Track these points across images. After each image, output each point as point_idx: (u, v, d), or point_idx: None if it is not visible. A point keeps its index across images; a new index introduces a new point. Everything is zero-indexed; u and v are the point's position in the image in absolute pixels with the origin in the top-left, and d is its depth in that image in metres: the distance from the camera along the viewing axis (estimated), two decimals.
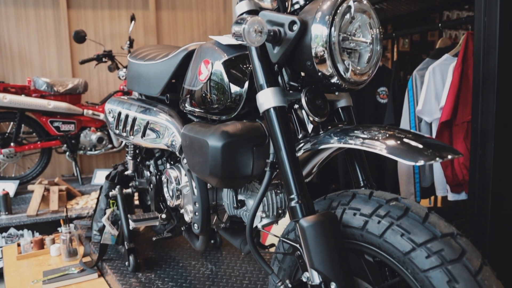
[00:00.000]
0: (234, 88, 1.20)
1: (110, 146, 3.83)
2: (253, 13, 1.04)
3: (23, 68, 4.05)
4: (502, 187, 2.01)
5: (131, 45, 3.75)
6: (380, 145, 0.86)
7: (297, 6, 1.04)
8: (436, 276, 0.79)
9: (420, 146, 0.84)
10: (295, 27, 0.95)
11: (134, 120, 1.66)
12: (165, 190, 1.62)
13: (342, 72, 0.97)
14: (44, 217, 3.18)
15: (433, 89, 2.36)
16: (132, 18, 3.75)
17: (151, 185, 1.82)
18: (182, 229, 1.75)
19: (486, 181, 2.00)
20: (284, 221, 1.28)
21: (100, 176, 3.78)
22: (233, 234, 1.56)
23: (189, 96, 1.38)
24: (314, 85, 1.05)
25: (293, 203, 0.93)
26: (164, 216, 1.72)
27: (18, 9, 4.00)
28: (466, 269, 0.78)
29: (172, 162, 1.71)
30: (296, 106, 1.06)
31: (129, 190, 2.04)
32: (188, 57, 1.46)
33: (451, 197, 2.39)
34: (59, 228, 3.12)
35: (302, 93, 1.03)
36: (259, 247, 1.17)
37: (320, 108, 1.03)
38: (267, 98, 0.98)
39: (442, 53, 2.42)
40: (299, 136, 1.07)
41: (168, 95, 1.56)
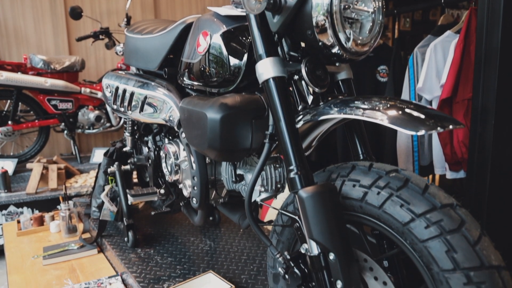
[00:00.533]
0: (233, 60, 1.18)
1: (108, 124, 3.81)
2: None
3: (19, 46, 3.99)
4: (501, 165, 2.01)
5: (128, 23, 3.68)
6: (381, 115, 0.85)
7: None
8: (434, 246, 0.79)
9: (422, 116, 0.82)
10: None
11: (132, 95, 1.64)
12: (164, 165, 1.61)
13: (343, 42, 0.95)
14: (43, 195, 3.19)
15: (434, 66, 2.33)
16: None
17: (150, 160, 1.81)
18: (181, 204, 1.75)
19: (485, 159, 2.00)
20: (283, 196, 1.27)
21: (98, 155, 3.78)
22: (232, 209, 1.57)
23: (188, 70, 1.36)
24: (314, 56, 1.03)
25: (292, 174, 0.92)
26: (162, 191, 1.72)
27: None
28: (464, 239, 0.78)
29: (170, 137, 1.70)
30: (296, 77, 1.05)
31: (127, 167, 2.04)
32: (186, 30, 1.43)
33: (450, 175, 2.40)
34: (58, 206, 3.13)
35: (302, 63, 1.01)
36: (258, 221, 1.16)
37: (321, 78, 1.02)
38: (267, 68, 0.97)
39: (444, 29, 2.39)
40: (299, 108, 1.06)
41: (166, 70, 1.53)
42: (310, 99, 1.04)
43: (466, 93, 2.21)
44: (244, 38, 1.20)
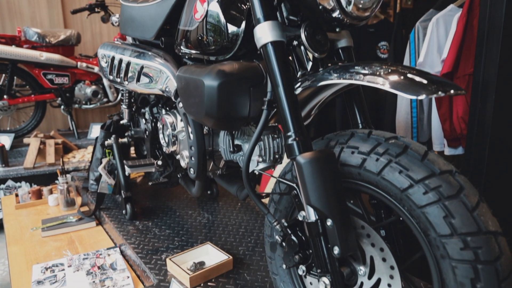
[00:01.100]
0: (231, 27, 1.15)
1: (105, 100, 3.77)
2: None
3: (12, 18, 3.91)
4: (500, 141, 2.00)
5: None
6: (382, 80, 0.83)
7: None
8: (433, 211, 0.79)
9: (424, 81, 0.81)
10: None
11: (128, 65, 1.62)
12: (161, 136, 1.60)
13: (344, 6, 0.93)
14: (41, 170, 3.19)
15: (435, 41, 2.30)
16: None
17: (147, 132, 1.80)
18: (178, 176, 1.74)
19: (484, 135, 1.99)
20: (281, 168, 1.27)
21: (96, 130, 3.76)
22: (230, 181, 1.56)
23: (185, 38, 1.33)
24: (314, 20, 1.00)
25: (290, 141, 0.91)
26: (160, 163, 1.71)
27: None
28: (463, 205, 0.78)
29: (167, 108, 1.68)
30: (295, 42, 1.02)
31: (124, 140, 2.02)
32: None
33: (448, 151, 2.39)
34: (56, 181, 3.13)
35: (301, 28, 0.99)
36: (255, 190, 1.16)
37: (320, 43, 0.99)
38: (265, 32, 0.94)
39: (447, 3, 2.34)
40: (298, 75, 1.04)
41: (162, 39, 1.50)
42: (309, 65, 1.02)
43: (468, 68, 2.18)
44: (242, 4, 1.16)
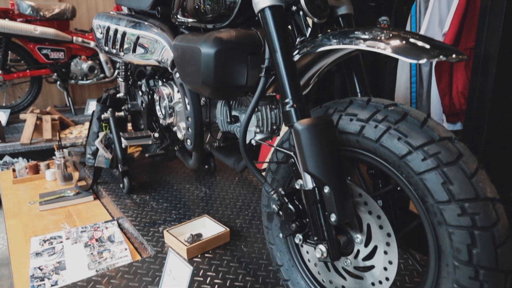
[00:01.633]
0: None
1: (102, 75, 3.73)
2: None
3: None
4: (499, 116, 1.99)
5: None
6: (382, 44, 0.81)
7: None
8: (431, 178, 0.78)
9: (427, 46, 0.79)
10: None
11: (124, 35, 1.58)
12: (158, 108, 1.58)
13: None
14: (38, 146, 3.17)
15: (437, 14, 2.26)
16: None
17: (143, 104, 1.78)
18: (176, 148, 1.73)
19: (483, 109, 1.98)
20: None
21: (93, 107, 3.73)
22: (227, 153, 1.56)
23: (181, 6, 1.30)
24: None
25: (287, 107, 0.90)
26: (157, 135, 1.69)
27: None
28: (461, 171, 0.77)
29: (164, 80, 1.65)
30: (294, 8, 0.99)
31: (121, 113, 2.00)
32: None
33: (447, 127, 2.38)
34: (53, 156, 3.12)
35: None
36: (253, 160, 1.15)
37: (320, 8, 0.97)
38: None
39: None
40: (297, 41, 1.02)
41: (159, 8, 1.47)
42: (308, 32, 0.99)
43: (469, 42, 2.15)
44: None
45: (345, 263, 0.97)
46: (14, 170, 2.59)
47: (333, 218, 0.86)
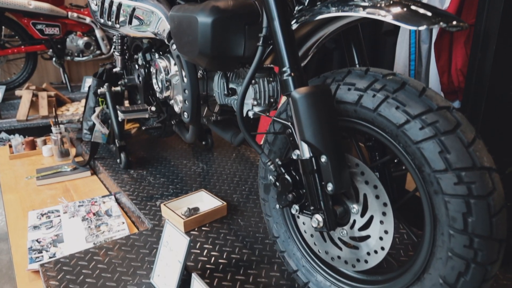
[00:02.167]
0: None
1: (98, 52, 3.68)
2: None
3: None
4: (497, 94, 1.98)
5: None
6: (383, 12, 0.80)
7: None
8: (428, 147, 0.78)
9: (428, 13, 0.77)
10: None
11: (119, 6, 1.55)
12: (154, 82, 1.57)
13: None
14: (35, 122, 3.16)
15: None
16: None
17: (140, 78, 1.75)
18: (173, 122, 1.72)
19: (482, 87, 1.97)
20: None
21: (89, 83, 3.69)
22: (224, 128, 1.55)
23: None
24: None
25: (285, 76, 0.88)
26: (154, 108, 1.68)
27: None
28: (459, 140, 0.77)
29: (161, 53, 1.63)
30: None
31: (118, 88, 1.98)
32: None
33: None
34: (51, 133, 3.11)
35: None
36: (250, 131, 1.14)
37: None
38: None
39: None
40: (295, 10, 1.00)
41: None
42: (306, 0, 0.97)
43: (470, 18, 2.12)
44: None
45: (341, 233, 0.97)
46: (10, 146, 2.58)
47: (330, 187, 0.86)
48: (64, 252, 1.49)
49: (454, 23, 0.76)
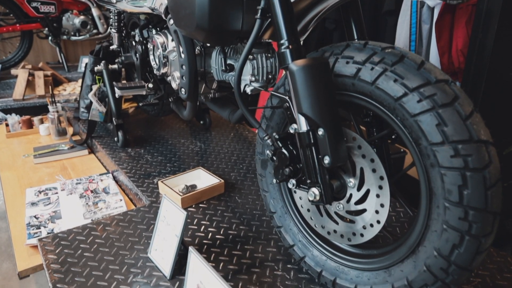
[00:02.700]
0: None
1: (95, 31, 3.64)
2: None
3: None
4: (497, 75, 1.97)
5: None
6: None
7: None
8: (425, 119, 0.78)
9: None
10: None
11: None
12: (151, 58, 1.55)
13: None
14: (31, 102, 3.14)
15: None
16: None
17: (137, 55, 1.74)
18: (170, 100, 1.71)
19: (482, 68, 1.96)
20: None
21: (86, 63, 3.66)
22: (222, 105, 1.54)
23: None
24: None
25: (283, 48, 0.88)
26: (151, 85, 1.67)
27: None
28: (456, 113, 0.77)
29: (158, 29, 1.61)
30: None
31: (115, 66, 1.96)
32: None
33: None
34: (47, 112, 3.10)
35: None
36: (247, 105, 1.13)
37: None
38: None
39: None
40: None
41: None
42: None
43: None
44: None
45: (337, 207, 0.98)
46: (7, 125, 2.57)
47: (327, 160, 0.86)
48: (62, 228, 1.50)
49: None
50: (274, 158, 0.98)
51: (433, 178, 0.80)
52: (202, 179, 1.64)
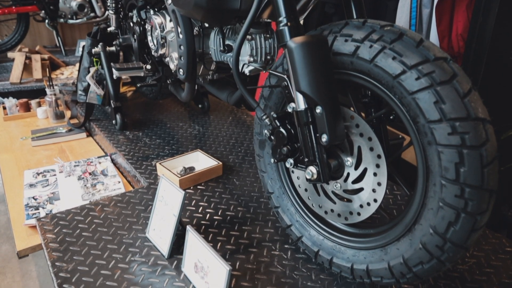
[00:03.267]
0: None
1: (92, 14, 3.59)
2: None
3: None
4: (497, 59, 1.97)
5: None
6: None
7: None
8: (423, 97, 0.78)
9: None
10: None
11: None
12: (149, 39, 1.54)
13: None
14: (29, 85, 3.12)
15: None
16: None
17: (135, 36, 1.72)
18: (168, 82, 1.71)
19: (482, 52, 1.95)
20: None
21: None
22: (220, 87, 1.54)
23: None
24: None
25: (281, 26, 0.87)
26: (149, 67, 1.66)
27: None
28: (455, 91, 0.77)
29: (156, 10, 1.59)
30: None
31: (113, 48, 1.95)
32: None
33: None
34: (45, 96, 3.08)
35: None
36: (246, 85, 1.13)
37: None
38: None
39: None
40: None
41: None
42: None
43: None
44: None
45: (334, 186, 0.98)
46: (4, 108, 2.56)
47: (324, 138, 0.86)
48: (60, 209, 1.51)
49: None
50: (272, 138, 0.98)
51: (430, 156, 0.80)
52: (201, 161, 1.64)
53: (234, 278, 1.06)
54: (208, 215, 1.34)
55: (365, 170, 0.92)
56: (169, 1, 1.31)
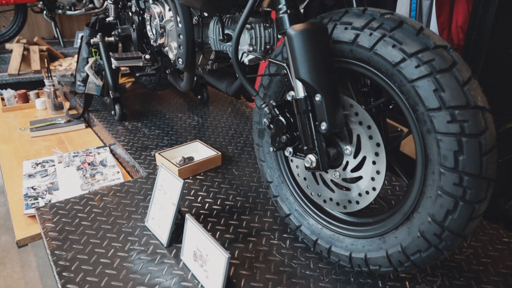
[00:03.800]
0: None
1: (91, 5, 3.56)
2: None
3: None
4: (497, 51, 1.96)
5: None
6: None
7: None
8: (423, 85, 0.78)
9: None
10: None
11: None
12: (148, 29, 1.53)
13: None
14: (27, 77, 3.10)
15: None
16: None
17: (134, 26, 1.71)
18: (167, 72, 1.70)
19: (481, 44, 1.95)
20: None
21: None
22: (219, 77, 1.53)
23: None
24: None
25: (281, 13, 0.87)
26: (148, 56, 1.65)
27: None
28: (454, 79, 0.77)
29: None
30: None
31: (111, 39, 1.94)
32: None
33: None
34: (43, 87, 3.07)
35: None
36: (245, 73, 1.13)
37: None
38: None
39: None
40: None
41: None
42: None
43: None
44: None
45: (333, 175, 0.99)
46: (3, 99, 2.55)
47: (324, 126, 0.86)
48: (59, 199, 1.51)
49: None
50: (271, 126, 0.98)
51: (429, 144, 0.81)
52: (200, 151, 1.64)
53: (233, 266, 1.07)
54: (207, 204, 1.34)
55: (364, 158, 0.92)
56: None
